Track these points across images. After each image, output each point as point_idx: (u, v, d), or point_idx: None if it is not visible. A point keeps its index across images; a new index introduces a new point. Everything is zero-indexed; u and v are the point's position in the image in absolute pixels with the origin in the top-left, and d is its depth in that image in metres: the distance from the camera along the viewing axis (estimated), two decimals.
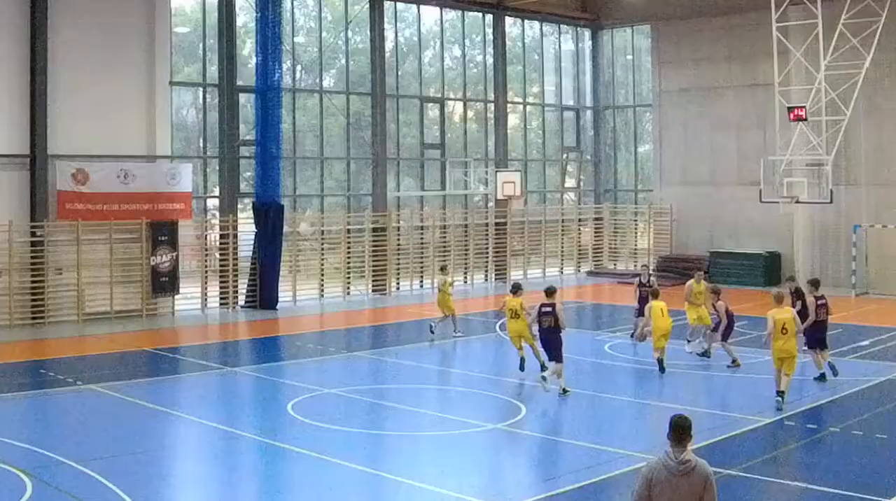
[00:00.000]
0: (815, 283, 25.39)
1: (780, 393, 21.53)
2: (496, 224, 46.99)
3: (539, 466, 18.36)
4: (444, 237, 45.41)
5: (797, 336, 22.37)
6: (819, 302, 24.54)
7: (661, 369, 25.63)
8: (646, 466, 10.22)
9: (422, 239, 44.77)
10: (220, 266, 38.28)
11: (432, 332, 31.53)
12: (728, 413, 21.18)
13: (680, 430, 10.04)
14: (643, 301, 28.82)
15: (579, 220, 51.76)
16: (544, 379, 23.29)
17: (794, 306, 25.23)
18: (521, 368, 25.34)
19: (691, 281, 28.96)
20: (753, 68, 45.12)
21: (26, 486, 16.07)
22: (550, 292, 24.12)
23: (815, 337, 24.50)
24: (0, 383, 24.55)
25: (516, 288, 25.99)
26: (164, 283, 35.85)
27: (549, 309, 23.50)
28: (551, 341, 23.40)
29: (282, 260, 38.47)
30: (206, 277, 37.79)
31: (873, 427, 20.13)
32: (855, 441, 19.22)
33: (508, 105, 48.87)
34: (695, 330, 28.40)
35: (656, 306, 26.12)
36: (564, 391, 23.09)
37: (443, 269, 34.73)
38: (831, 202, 38.54)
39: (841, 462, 18.01)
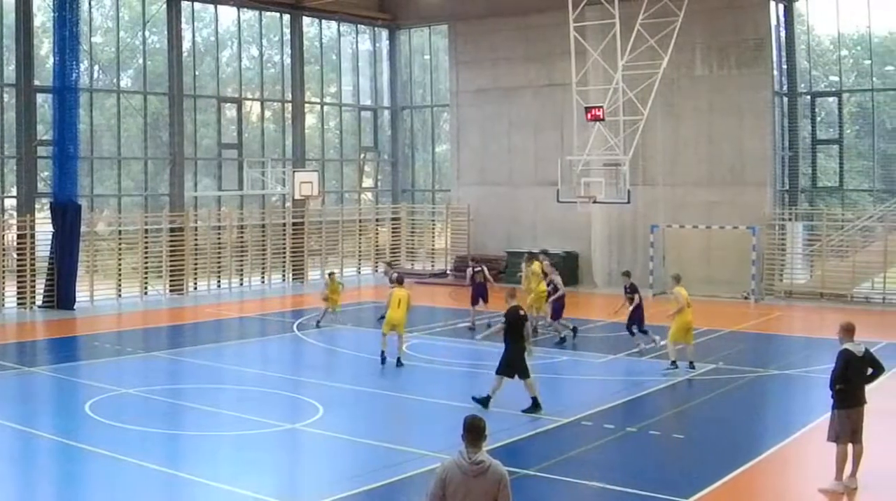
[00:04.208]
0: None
1: (675, 363, 25.46)
2: (294, 224, 47.21)
3: (336, 466, 18.49)
4: (242, 237, 45.59)
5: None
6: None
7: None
8: (440, 466, 10.42)
9: (219, 239, 44.80)
10: (18, 266, 37.79)
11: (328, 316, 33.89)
12: (525, 413, 21.45)
13: (474, 431, 10.26)
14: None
15: (377, 220, 52.07)
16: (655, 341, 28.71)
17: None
18: (383, 361, 27.12)
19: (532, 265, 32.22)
20: (551, 68, 45.48)
21: None
22: (628, 274, 30.14)
23: (557, 308, 30.87)
24: None
25: (401, 280, 28.38)
26: None
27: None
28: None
29: (79, 260, 38.30)
30: (4, 277, 37.37)
31: (670, 427, 20.81)
32: (652, 441, 19.77)
33: (306, 105, 49.20)
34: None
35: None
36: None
37: (331, 275, 35.54)
38: (629, 202, 38.46)
39: (638, 461, 18.43)
